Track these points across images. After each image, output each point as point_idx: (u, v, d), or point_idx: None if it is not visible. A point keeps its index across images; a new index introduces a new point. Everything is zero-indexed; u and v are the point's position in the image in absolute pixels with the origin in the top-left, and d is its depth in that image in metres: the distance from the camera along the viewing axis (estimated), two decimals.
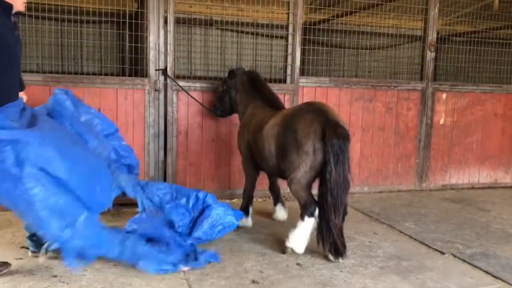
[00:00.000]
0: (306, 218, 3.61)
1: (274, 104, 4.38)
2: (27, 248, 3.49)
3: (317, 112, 3.65)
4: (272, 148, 3.84)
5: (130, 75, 5.70)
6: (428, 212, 5.16)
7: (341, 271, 3.41)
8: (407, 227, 4.54)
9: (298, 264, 3.53)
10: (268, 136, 3.89)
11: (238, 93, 4.61)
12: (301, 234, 3.63)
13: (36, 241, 3.35)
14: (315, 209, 3.60)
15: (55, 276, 3.15)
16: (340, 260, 3.55)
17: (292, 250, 3.67)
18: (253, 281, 3.19)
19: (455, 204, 5.59)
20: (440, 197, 5.92)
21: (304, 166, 3.56)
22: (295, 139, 3.57)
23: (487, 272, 3.48)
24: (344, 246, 3.59)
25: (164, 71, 4.95)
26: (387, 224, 4.62)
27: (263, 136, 3.95)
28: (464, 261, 3.70)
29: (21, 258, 3.43)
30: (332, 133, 3.45)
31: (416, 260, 3.69)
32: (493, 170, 6.58)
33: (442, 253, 3.87)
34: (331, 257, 3.55)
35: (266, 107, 4.33)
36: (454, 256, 3.81)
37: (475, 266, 3.59)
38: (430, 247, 4.01)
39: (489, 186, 6.55)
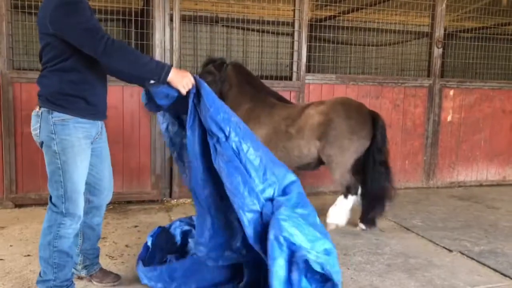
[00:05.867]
0: (350, 196, 4.07)
1: (278, 97, 4.50)
2: None
3: (360, 103, 4.25)
4: (312, 136, 4.07)
5: None
6: (435, 209, 5.12)
7: (348, 269, 3.40)
8: (414, 225, 4.52)
9: None
10: (307, 124, 4.11)
11: (231, 87, 4.43)
12: (343, 210, 4.08)
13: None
14: (358, 189, 4.09)
15: None
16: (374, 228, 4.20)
17: (337, 226, 4.09)
18: None
19: (463, 201, 5.55)
20: (448, 194, 5.88)
21: (353, 151, 4.00)
22: (351, 127, 3.98)
23: (495, 270, 3.45)
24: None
25: None
26: (394, 222, 4.59)
27: (298, 125, 4.14)
28: (472, 258, 3.67)
29: (28, 255, 3.46)
30: (379, 118, 4.12)
31: (423, 258, 3.67)
32: (502, 167, 6.52)
33: (450, 250, 3.85)
34: (363, 226, 4.18)
35: (273, 100, 4.39)
36: (462, 253, 3.78)
37: (483, 264, 3.56)
38: (437, 244, 3.99)
39: (498, 184, 6.50)
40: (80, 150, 2.58)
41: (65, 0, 2.42)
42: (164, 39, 4.95)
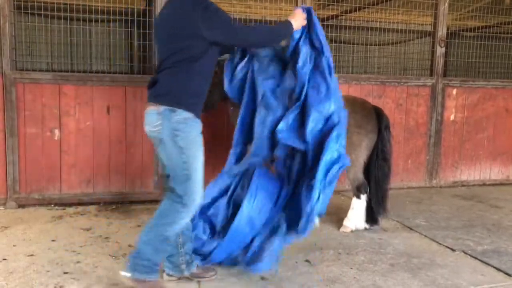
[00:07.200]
0: (362, 196, 4.14)
1: None
2: (163, 271, 3.06)
3: (363, 100, 4.37)
4: None
5: (138, 73, 5.73)
6: (438, 209, 5.11)
7: (351, 268, 3.39)
8: (417, 224, 4.51)
9: (307, 261, 3.51)
10: None
11: None
12: (360, 212, 4.17)
13: (174, 263, 3.01)
14: (367, 187, 4.16)
15: (66, 272, 3.18)
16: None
17: (356, 229, 4.17)
18: (262, 278, 3.18)
19: (466, 201, 5.53)
20: (451, 194, 5.86)
21: (364, 146, 4.09)
22: (357, 121, 4.05)
23: (499, 269, 3.44)
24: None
25: None
26: (397, 221, 4.59)
27: None
28: (476, 258, 3.67)
29: (32, 255, 3.47)
30: (383, 113, 4.22)
31: (426, 257, 3.66)
32: (505, 166, 6.50)
33: (453, 250, 3.84)
34: (373, 226, 4.24)
35: None
36: (465, 253, 3.77)
37: (487, 263, 3.55)
38: (440, 244, 3.98)
39: (501, 183, 6.48)
40: (200, 146, 2.77)
41: (206, 3, 2.70)
42: None
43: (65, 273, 3.17)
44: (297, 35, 3.18)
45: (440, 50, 5.99)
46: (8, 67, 4.56)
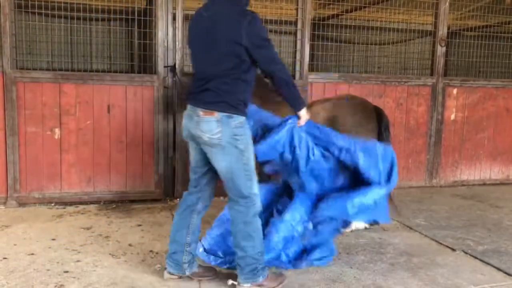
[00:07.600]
0: None
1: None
2: (165, 269, 3.11)
3: (364, 100, 4.39)
4: None
5: (139, 72, 5.73)
6: (438, 208, 5.11)
7: (351, 268, 3.40)
8: (417, 224, 4.51)
9: None
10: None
11: None
12: None
13: (177, 261, 3.03)
14: None
15: (67, 271, 3.18)
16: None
17: (356, 228, 4.15)
18: None
19: (466, 200, 5.54)
20: (451, 193, 5.87)
21: None
22: (355, 121, 4.08)
23: (498, 269, 3.44)
24: None
25: (173, 68, 4.96)
26: (397, 221, 4.59)
27: None
28: (475, 257, 3.67)
29: (32, 254, 3.47)
30: (383, 114, 4.25)
31: (426, 257, 3.66)
32: (505, 166, 6.50)
33: (453, 249, 3.84)
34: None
35: (280, 98, 4.47)
36: (465, 252, 3.78)
37: (487, 263, 3.56)
38: (440, 243, 3.98)
39: (501, 182, 6.48)
40: (252, 147, 2.91)
41: (253, 15, 2.78)
42: (167, 38, 4.95)
43: (65, 272, 3.18)
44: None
45: (440, 50, 5.99)
46: (8, 66, 4.56)
